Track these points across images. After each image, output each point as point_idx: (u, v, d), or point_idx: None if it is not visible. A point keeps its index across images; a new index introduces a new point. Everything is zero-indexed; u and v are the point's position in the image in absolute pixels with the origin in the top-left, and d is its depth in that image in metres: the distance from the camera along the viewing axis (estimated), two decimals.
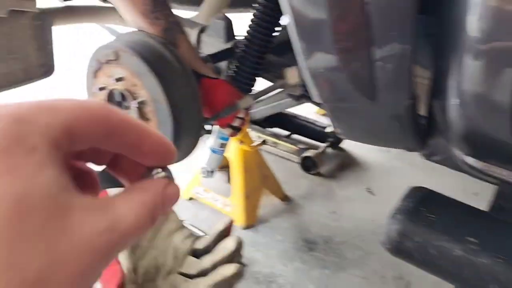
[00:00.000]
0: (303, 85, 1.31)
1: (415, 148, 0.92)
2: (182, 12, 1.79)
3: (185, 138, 1.31)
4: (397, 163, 2.53)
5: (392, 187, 2.32)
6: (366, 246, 1.87)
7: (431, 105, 0.81)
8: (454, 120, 0.75)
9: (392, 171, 2.47)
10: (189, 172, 2.05)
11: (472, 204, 0.95)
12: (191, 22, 1.58)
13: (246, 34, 1.33)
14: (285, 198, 2.11)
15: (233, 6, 2.03)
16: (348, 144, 2.61)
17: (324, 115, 2.70)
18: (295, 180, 2.27)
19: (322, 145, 2.46)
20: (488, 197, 2.30)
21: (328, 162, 2.42)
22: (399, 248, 0.80)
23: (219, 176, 2.16)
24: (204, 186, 2.00)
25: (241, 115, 1.38)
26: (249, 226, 1.90)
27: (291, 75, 1.29)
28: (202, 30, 1.54)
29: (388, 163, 2.53)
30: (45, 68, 1.90)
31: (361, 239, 1.91)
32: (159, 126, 1.27)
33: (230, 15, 1.58)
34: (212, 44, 1.54)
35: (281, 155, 2.42)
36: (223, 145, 1.52)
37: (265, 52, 1.34)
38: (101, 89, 1.34)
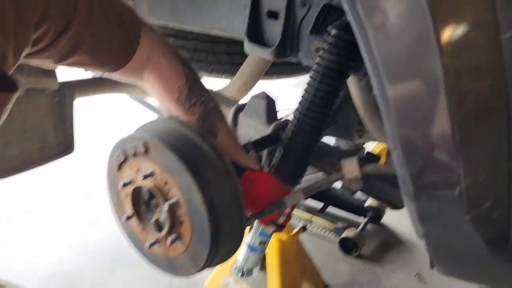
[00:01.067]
0: (363, 179, 1.11)
1: None
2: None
3: (225, 244, 1.10)
4: None
5: None
6: None
7: None
8: None
9: None
10: None
11: None
12: (226, 100, 1.41)
13: (296, 114, 1.14)
14: None
15: (266, 75, 1.90)
16: (388, 218, 2.37)
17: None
18: (333, 264, 2.02)
19: (361, 220, 2.23)
20: None
21: (369, 242, 2.17)
22: None
23: None
24: (234, 276, 1.77)
25: (287, 210, 1.18)
26: None
27: (350, 168, 1.08)
28: (240, 109, 1.37)
29: None
30: (64, 146, 1.74)
31: None
32: (194, 231, 1.07)
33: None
34: (250, 125, 1.36)
35: (316, 234, 2.18)
36: (263, 243, 1.30)
37: (318, 137, 1.15)
38: (126, 184, 1.15)
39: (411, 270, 2.02)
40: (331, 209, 2.34)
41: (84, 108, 2.04)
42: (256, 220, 1.22)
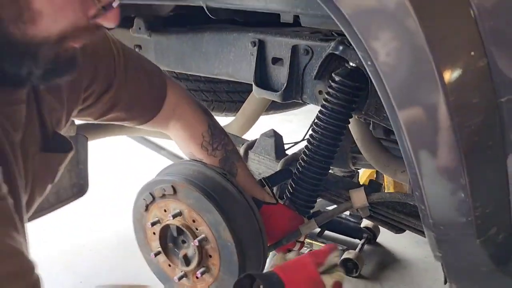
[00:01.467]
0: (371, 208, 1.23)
1: None
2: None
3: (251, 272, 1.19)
4: None
5: (439, 285, 2.17)
6: None
7: None
8: None
9: (434, 266, 2.32)
10: None
11: None
12: (237, 139, 1.53)
13: (306, 150, 1.26)
14: None
15: (269, 109, 2.00)
16: (382, 238, 2.49)
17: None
18: None
19: (358, 241, 2.34)
20: None
21: (367, 261, 2.28)
22: None
23: None
24: None
25: (301, 239, 1.28)
26: None
27: (358, 198, 1.20)
28: (250, 147, 1.48)
29: (428, 258, 2.38)
30: (78, 188, 1.81)
31: None
32: (223, 263, 1.16)
33: None
34: (260, 162, 1.47)
35: None
36: None
37: (327, 171, 1.27)
38: (154, 224, 1.24)
39: (408, 286, 2.14)
40: (328, 233, 2.45)
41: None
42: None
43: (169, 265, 1.29)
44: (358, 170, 2.27)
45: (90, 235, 2.62)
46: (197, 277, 1.23)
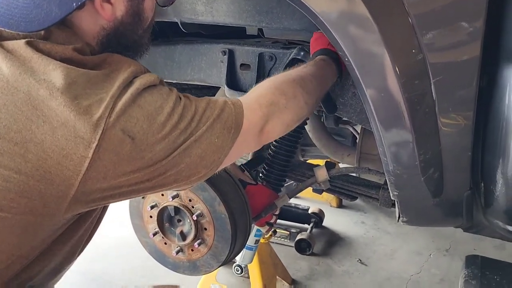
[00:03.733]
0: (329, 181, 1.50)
1: (468, 226, 1.12)
2: None
3: (239, 241, 1.40)
4: (374, 233, 2.74)
5: (378, 255, 2.51)
6: None
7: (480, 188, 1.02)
8: (500, 198, 0.96)
9: (372, 240, 2.66)
10: None
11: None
12: None
13: (275, 144, 1.51)
14: (292, 282, 2.20)
15: None
16: (327, 222, 2.80)
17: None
18: (294, 263, 2.38)
19: (307, 226, 2.62)
20: (457, 251, 2.55)
21: (317, 242, 2.57)
22: None
23: (226, 270, 2.21)
24: (219, 283, 2.04)
25: (276, 212, 1.52)
26: None
27: (320, 174, 1.46)
28: None
29: (366, 234, 2.73)
30: None
31: None
32: (217, 233, 1.36)
33: None
34: None
35: (274, 242, 2.53)
36: (257, 241, 1.62)
37: (294, 153, 1.52)
38: (153, 207, 1.42)
39: (354, 258, 2.45)
40: (280, 221, 2.71)
41: None
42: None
43: (165, 243, 1.47)
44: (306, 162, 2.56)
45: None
46: (192, 250, 1.43)
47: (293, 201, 2.80)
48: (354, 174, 1.61)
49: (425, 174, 0.93)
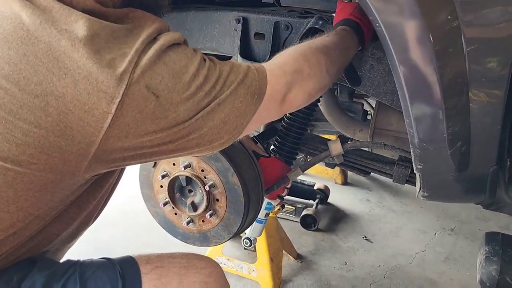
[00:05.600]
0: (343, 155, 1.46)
1: (489, 203, 1.09)
2: None
3: (251, 212, 1.38)
4: (379, 210, 2.73)
5: (383, 232, 2.50)
6: None
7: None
8: None
9: (377, 218, 2.65)
10: None
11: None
12: None
13: (289, 116, 1.47)
14: (298, 257, 2.19)
15: None
16: (333, 198, 2.78)
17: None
18: (299, 238, 2.36)
19: (313, 202, 2.60)
20: (462, 231, 2.54)
21: (322, 217, 2.56)
22: (501, 284, 0.93)
23: (232, 243, 2.20)
24: (226, 256, 2.03)
25: (288, 185, 1.50)
26: None
27: (335, 147, 1.43)
28: None
29: (371, 211, 2.71)
30: None
31: (377, 285, 2.04)
32: (229, 205, 1.33)
33: None
34: None
35: (280, 217, 2.52)
36: (267, 215, 1.60)
37: (307, 125, 1.48)
38: (164, 176, 1.39)
39: (359, 235, 2.43)
40: (287, 197, 2.69)
41: None
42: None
43: (175, 214, 1.44)
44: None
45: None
46: (203, 221, 1.40)
47: (298, 177, 2.77)
48: (367, 149, 1.57)
49: (452, 147, 0.89)
